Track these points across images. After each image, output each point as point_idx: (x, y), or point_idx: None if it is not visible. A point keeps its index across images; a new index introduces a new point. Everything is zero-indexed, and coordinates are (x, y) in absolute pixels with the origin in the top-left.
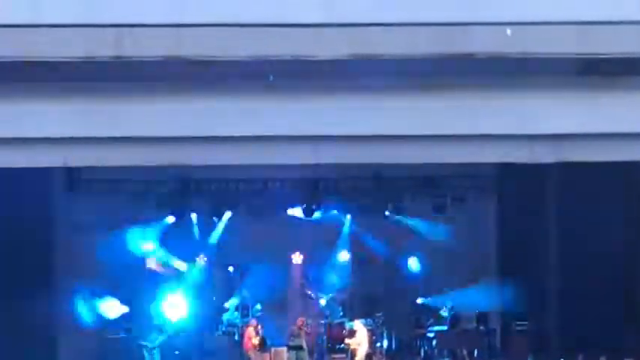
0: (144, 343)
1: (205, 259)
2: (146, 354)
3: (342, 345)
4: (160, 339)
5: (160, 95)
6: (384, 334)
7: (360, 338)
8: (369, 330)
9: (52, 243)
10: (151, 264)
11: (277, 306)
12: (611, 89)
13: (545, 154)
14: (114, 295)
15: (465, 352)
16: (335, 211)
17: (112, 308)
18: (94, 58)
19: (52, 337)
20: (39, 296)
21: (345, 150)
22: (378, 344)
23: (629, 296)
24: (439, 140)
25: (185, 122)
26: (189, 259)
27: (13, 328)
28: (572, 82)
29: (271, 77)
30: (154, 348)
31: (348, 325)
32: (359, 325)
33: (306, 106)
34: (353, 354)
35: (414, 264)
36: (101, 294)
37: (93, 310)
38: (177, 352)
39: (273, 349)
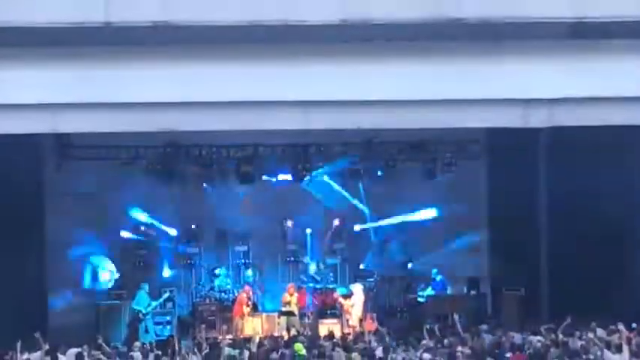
0: (137, 308)
1: (195, 225)
2: (140, 319)
3: (334, 310)
4: (153, 305)
5: (149, 61)
6: (375, 299)
7: (354, 300)
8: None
9: (44, 209)
10: (142, 230)
11: (268, 272)
12: (603, 53)
13: (537, 119)
14: (106, 261)
15: (455, 316)
16: (325, 177)
17: (104, 274)
18: (83, 23)
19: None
20: (31, 263)
21: (336, 115)
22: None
23: (620, 261)
24: (431, 105)
25: (174, 88)
26: (180, 225)
27: (5, 296)
28: (564, 46)
29: None
30: (147, 314)
31: (339, 291)
32: (357, 288)
33: (296, 71)
34: (346, 316)
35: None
36: (93, 260)
37: (86, 275)
38: (168, 319)
39: (264, 315)
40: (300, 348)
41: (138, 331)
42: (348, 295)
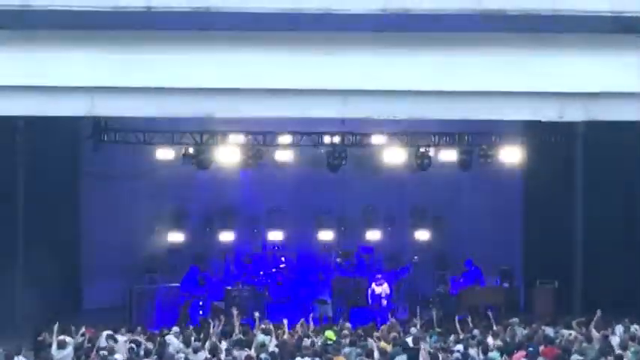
0: (187, 291)
1: (230, 211)
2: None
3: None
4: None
5: (188, 46)
6: (408, 290)
7: (386, 288)
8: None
9: (78, 191)
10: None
11: (302, 260)
12: None
13: (574, 113)
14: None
15: (487, 309)
16: (362, 166)
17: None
18: (125, 8)
19: (78, 286)
20: (65, 244)
21: (373, 104)
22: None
23: None
24: (467, 96)
25: (212, 74)
26: (214, 210)
27: (40, 277)
28: (602, 40)
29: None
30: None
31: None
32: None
33: (335, 60)
34: (377, 305)
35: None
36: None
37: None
38: (201, 304)
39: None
40: (331, 335)
41: (186, 314)
42: (380, 283)
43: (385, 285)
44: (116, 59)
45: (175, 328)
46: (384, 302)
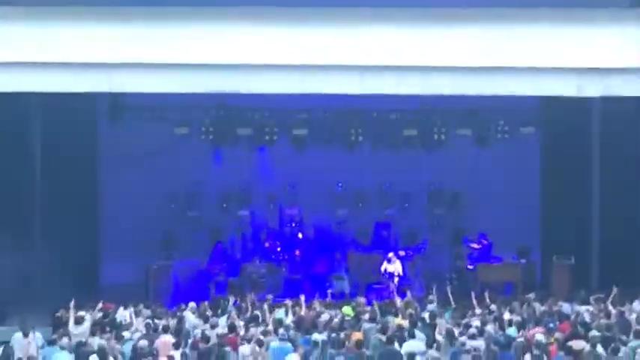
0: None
1: (246, 188)
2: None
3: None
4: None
5: (205, 22)
6: (424, 266)
7: (397, 266)
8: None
9: (96, 168)
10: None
11: (318, 236)
12: None
13: (592, 89)
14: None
15: (504, 285)
16: (378, 144)
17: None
18: None
19: (95, 263)
20: (84, 222)
21: (391, 80)
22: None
23: None
24: (485, 72)
25: (228, 49)
26: (230, 187)
27: (58, 254)
28: (621, 15)
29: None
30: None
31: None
32: (392, 256)
33: (353, 35)
34: (390, 283)
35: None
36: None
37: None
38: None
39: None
40: (348, 311)
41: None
42: (390, 261)
43: (398, 263)
44: (133, 36)
45: (192, 304)
46: (396, 280)
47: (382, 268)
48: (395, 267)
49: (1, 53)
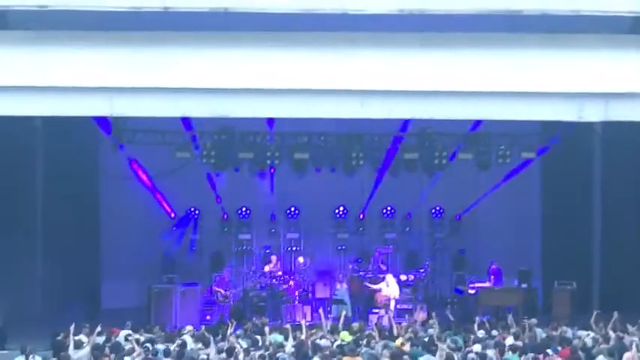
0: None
1: (247, 211)
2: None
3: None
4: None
5: (205, 47)
6: (426, 290)
7: (390, 291)
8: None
9: (98, 191)
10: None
11: (319, 260)
12: None
13: (593, 113)
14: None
15: (506, 310)
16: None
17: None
18: (141, 8)
19: (96, 286)
20: (85, 243)
21: (392, 104)
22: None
23: None
24: (486, 97)
25: (230, 74)
26: (232, 210)
27: (58, 277)
28: (622, 41)
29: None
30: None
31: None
32: (390, 279)
33: (353, 60)
34: (385, 306)
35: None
36: (145, 243)
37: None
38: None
39: (314, 302)
40: (346, 336)
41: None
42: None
43: (393, 287)
44: (134, 60)
45: (190, 328)
46: (393, 304)
47: (378, 289)
48: (391, 291)
49: (3, 77)
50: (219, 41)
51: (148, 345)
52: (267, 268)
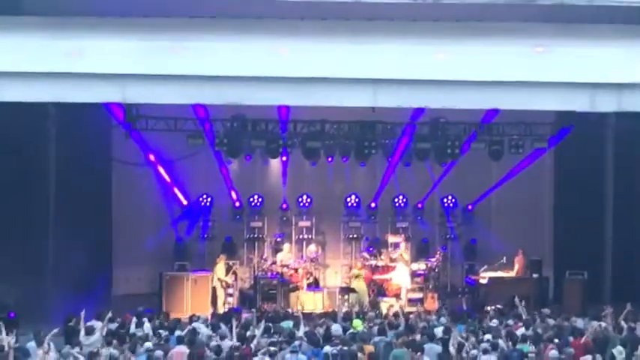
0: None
1: (260, 199)
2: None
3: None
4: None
5: (220, 34)
6: (437, 279)
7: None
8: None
9: (110, 178)
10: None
11: (331, 248)
12: None
13: (606, 103)
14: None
15: (517, 299)
16: (391, 156)
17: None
18: None
19: (108, 272)
20: (97, 230)
21: (404, 93)
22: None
23: None
24: (498, 86)
25: (243, 61)
26: (244, 198)
27: (71, 263)
28: (636, 31)
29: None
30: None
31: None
32: (402, 268)
33: (366, 49)
34: (396, 297)
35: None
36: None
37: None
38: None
39: (325, 290)
40: (358, 324)
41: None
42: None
43: (404, 277)
44: (147, 47)
45: (203, 315)
46: (403, 292)
47: (389, 277)
48: (401, 280)
49: (16, 63)
50: (232, 29)
51: (161, 331)
52: (278, 256)
